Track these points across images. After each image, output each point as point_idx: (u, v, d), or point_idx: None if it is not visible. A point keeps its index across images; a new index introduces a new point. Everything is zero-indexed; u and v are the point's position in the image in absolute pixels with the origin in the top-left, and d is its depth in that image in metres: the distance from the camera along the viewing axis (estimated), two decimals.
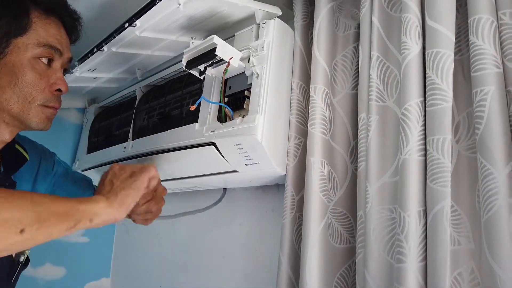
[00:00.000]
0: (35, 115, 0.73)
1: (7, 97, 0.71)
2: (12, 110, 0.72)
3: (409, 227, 0.63)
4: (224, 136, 0.83)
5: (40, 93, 0.73)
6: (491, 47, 0.62)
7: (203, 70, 0.87)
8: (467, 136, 0.67)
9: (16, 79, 0.71)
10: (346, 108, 0.86)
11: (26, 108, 0.72)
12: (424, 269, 0.63)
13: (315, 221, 0.77)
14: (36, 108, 0.73)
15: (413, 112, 0.67)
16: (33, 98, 0.72)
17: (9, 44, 0.71)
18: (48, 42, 0.73)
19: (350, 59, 0.88)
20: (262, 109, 0.80)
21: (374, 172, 0.72)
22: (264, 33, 0.86)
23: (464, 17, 0.71)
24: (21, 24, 0.72)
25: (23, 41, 0.72)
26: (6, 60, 0.71)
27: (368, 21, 0.79)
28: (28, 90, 0.72)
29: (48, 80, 0.74)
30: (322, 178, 0.80)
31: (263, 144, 0.79)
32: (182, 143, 0.92)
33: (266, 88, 0.82)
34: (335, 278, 0.78)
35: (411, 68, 0.69)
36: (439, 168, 0.63)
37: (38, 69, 0.73)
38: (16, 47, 0.71)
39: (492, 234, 0.57)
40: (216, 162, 0.89)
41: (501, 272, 0.55)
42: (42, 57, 0.73)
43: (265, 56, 0.84)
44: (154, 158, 1.01)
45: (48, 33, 0.74)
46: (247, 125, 0.80)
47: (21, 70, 0.71)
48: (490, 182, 0.58)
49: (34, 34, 0.72)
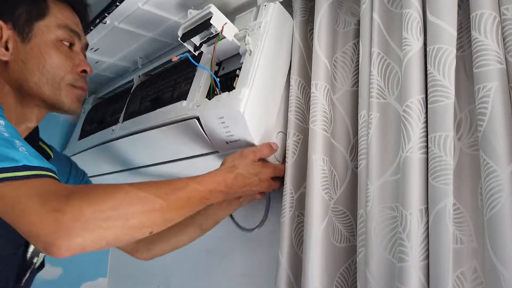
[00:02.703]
0: (66, 95, 0.75)
1: (37, 80, 0.72)
2: (44, 93, 0.73)
3: (411, 225, 0.63)
4: (208, 110, 0.81)
5: (68, 73, 0.75)
6: (494, 42, 0.61)
7: (198, 45, 0.85)
8: (470, 133, 0.67)
9: (44, 61, 0.72)
10: (346, 106, 0.85)
11: (57, 89, 0.74)
12: (426, 268, 0.62)
13: (318, 220, 0.76)
14: (66, 88, 0.75)
15: (414, 109, 0.66)
16: (62, 78, 0.74)
17: (32, 28, 0.73)
18: (67, 25, 0.76)
19: (350, 56, 0.87)
20: (249, 83, 0.78)
21: (375, 170, 0.71)
22: (263, 14, 0.85)
23: (466, 13, 0.70)
24: (40, 8, 0.74)
25: (45, 23, 0.74)
26: (31, 44, 0.72)
27: (369, 17, 0.78)
28: (57, 71, 0.73)
29: (73, 61, 0.76)
30: (324, 175, 0.79)
31: (245, 116, 0.76)
32: (167, 120, 0.90)
33: (256, 64, 0.80)
34: (336, 277, 0.77)
35: (412, 64, 0.68)
36: (441, 165, 0.62)
37: (62, 50, 0.74)
38: (39, 31, 0.73)
39: (495, 233, 0.56)
40: (198, 140, 0.87)
41: (505, 271, 0.54)
42: (64, 40, 0.75)
43: (260, 34, 0.83)
44: (136, 137, 0.98)
45: (65, 16, 0.76)
46: (231, 97, 0.78)
47: (48, 51, 0.73)
48: (493, 179, 0.57)
49: (53, 17, 0.75)
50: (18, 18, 0.72)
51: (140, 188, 0.57)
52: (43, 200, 0.49)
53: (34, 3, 0.74)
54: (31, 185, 0.50)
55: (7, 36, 0.72)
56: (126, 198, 0.55)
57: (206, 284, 1.16)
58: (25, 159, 0.52)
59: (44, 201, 0.49)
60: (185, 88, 0.94)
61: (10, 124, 0.58)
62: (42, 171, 0.53)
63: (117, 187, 0.55)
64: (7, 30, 0.72)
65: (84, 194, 0.52)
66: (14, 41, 0.72)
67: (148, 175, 1.14)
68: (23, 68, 0.72)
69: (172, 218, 0.61)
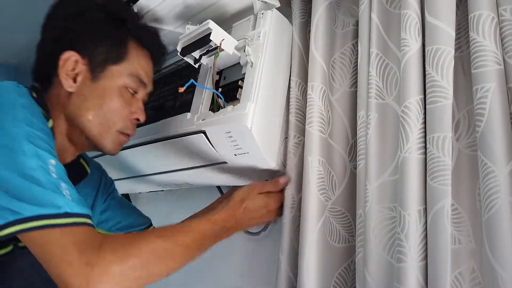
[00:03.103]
0: (111, 140, 0.76)
1: (90, 119, 0.73)
2: (91, 132, 0.74)
3: (409, 226, 0.63)
4: (214, 124, 0.81)
5: (121, 120, 0.76)
6: (492, 43, 0.61)
7: (198, 58, 0.85)
8: (468, 133, 0.67)
9: (103, 103, 0.73)
10: (345, 106, 0.85)
11: (105, 133, 0.75)
12: (425, 269, 0.62)
13: (313, 220, 0.76)
14: (113, 134, 0.76)
15: (413, 110, 0.67)
16: (113, 123, 0.75)
17: (104, 69, 0.74)
18: (138, 75, 0.77)
19: (349, 56, 0.87)
20: (254, 97, 0.79)
21: (374, 170, 0.71)
22: (261, 23, 0.85)
23: (464, 14, 0.70)
24: (119, 52, 0.75)
25: (118, 69, 0.75)
26: (98, 84, 0.73)
27: (367, 18, 0.78)
28: (111, 116, 0.74)
29: (130, 109, 0.77)
30: (320, 177, 0.79)
31: (253, 132, 0.77)
32: (173, 132, 0.90)
33: (259, 77, 0.80)
34: (334, 277, 0.77)
35: (411, 65, 0.68)
36: (439, 166, 0.62)
37: (124, 97, 0.75)
38: (110, 74, 0.74)
39: (493, 233, 0.56)
40: (206, 152, 0.87)
41: (502, 271, 0.55)
42: (129, 88, 0.76)
43: (260, 45, 0.83)
44: (141, 148, 0.99)
45: (140, 65, 0.78)
46: (237, 112, 0.78)
47: (110, 95, 0.74)
48: (491, 180, 0.57)
49: (128, 64, 0.76)
50: (95, 56, 0.73)
51: (164, 238, 0.63)
52: (78, 252, 0.53)
53: (115, 45, 0.75)
54: (69, 234, 0.54)
55: (80, 70, 0.73)
56: (154, 252, 0.60)
57: (205, 285, 1.16)
58: (67, 206, 0.55)
59: (79, 253, 0.53)
60: (187, 98, 0.94)
61: (60, 164, 0.60)
62: (81, 218, 0.56)
63: (145, 239, 0.61)
64: (82, 65, 0.73)
65: (115, 250, 0.56)
66: (84, 77, 0.73)
67: (153, 183, 1.14)
68: (82, 104, 0.73)
69: (188, 261, 0.67)
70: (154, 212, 1.40)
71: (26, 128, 0.58)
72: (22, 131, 0.58)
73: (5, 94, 0.62)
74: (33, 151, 0.57)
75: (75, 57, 0.72)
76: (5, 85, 0.64)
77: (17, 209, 0.53)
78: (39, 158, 0.57)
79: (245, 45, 0.83)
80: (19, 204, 0.53)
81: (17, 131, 0.57)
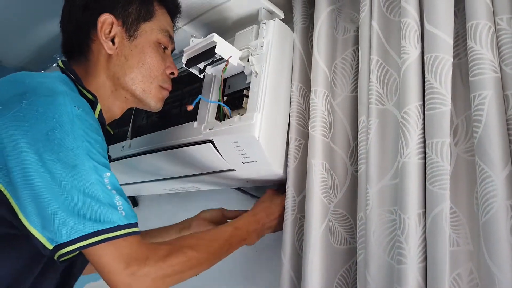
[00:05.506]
0: (155, 94, 0.81)
1: (134, 77, 0.78)
2: (136, 89, 0.78)
3: (409, 229, 0.65)
4: (222, 134, 0.83)
5: (160, 74, 0.80)
6: (489, 52, 0.63)
7: (202, 68, 0.88)
8: (466, 139, 0.69)
9: (144, 60, 0.78)
10: (346, 111, 0.87)
11: (148, 88, 0.79)
12: (424, 270, 0.64)
13: (317, 223, 0.78)
14: (156, 88, 0.80)
15: (412, 116, 0.68)
16: (154, 78, 0.80)
17: (138, 27, 0.78)
18: (167, 30, 0.82)
19: (350, 62, 0.89)
20: (260, 107, 0.81)
21: (374, 174, 0.73)
22: (264, 33, 0.87)
23: (462, 22, 0.72)
24: (148, 10, 0.80)
25: (150, 25, 0.80)
26: (136, 42, 0.78)
27: (368, 25, 0.80)
28: (152, 71, 0.79)
29: (165, 63, 0.81)
30: (323, 180, 0.81)
31: (260, 142, 0.79)
32: (180, 141, 0.93)
33: (264, 87, 0.83)
34: (336, 278, 0.79)
35: (410, 72, 0.70)
36: (438, 171, 0.64)
37: (159, 52, 0.80)
38: (143, 31, 0.79)
39: (490, 236, 0.58)
40: (214, 160, 0.89)
41: (499, 273, 0.56)
42: (162, 43, 0.81)
43: (264, 55, 0.85)
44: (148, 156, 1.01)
45: (166, 21, 0.83)
46: (245, 122, 0.80)
47: (148, 51, 0.79)
48: (488, 184, 0.59)
49: (157, 21, 0.81)
50: (128, 16, 0.78)
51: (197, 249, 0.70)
52: (126, 263, 0.60)
53: (144, 5, 0.79)
54: (120, 246, 0.60)
55: (116, 32, 0.77)
56: (188, 263, 0.67)
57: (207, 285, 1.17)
58: (120, 220, 0.60)
59: (126, 265, 0.60)
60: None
61: (113, 175, 0.63)
62: (130, 229, 0.62)
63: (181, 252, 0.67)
64: (117, 27, 0.77)
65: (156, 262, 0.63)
66: (120, 37, 0.77)
67: (160, 187, 1.16)
68: (124, 64, 0.77)
69: (215, 263, 0.75)
70: (158, 213, 1.42)
71: (85, 144, 0.61)
72: (82, 146, 0.61)
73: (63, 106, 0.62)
74: (92, 166, 0.61)
75: (110, 18, 0.76)
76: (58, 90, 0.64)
77: (79, 225, 0.58)
78: (97, 172, 0.61)
79: (249, 55, 0.85)
80: (80, 220, 0.58)
81: (78, 148, 0.60)
